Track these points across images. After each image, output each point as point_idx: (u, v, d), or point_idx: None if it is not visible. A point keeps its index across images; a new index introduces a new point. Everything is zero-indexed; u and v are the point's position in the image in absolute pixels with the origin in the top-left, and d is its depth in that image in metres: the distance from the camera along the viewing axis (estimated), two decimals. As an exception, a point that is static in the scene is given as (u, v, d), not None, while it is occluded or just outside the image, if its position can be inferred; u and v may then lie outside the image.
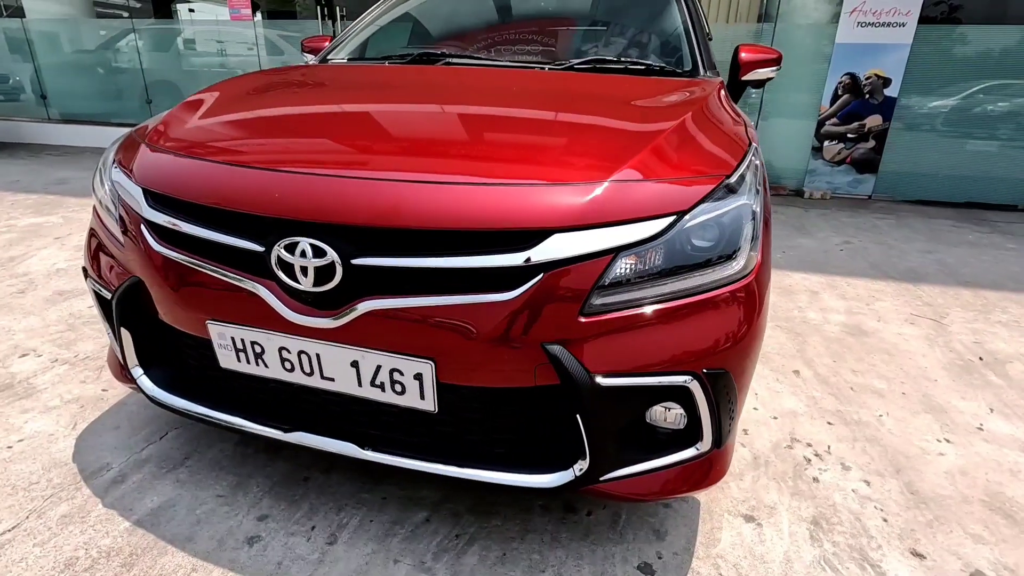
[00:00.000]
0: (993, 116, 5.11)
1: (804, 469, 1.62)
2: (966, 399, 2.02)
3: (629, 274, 1.01)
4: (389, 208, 1.01)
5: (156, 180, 1.20)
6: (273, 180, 1.08)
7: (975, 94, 5.10)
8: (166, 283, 1.18)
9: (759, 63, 1.97)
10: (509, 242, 0.99)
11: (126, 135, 1.47)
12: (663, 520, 1.42)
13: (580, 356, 1.01)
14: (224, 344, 1.18)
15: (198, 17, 7.42)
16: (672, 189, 1.05)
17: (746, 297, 1.08)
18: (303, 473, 1.53)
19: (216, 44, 7.11)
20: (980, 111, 5.13)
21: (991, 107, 5.09)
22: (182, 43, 7.25)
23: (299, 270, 1.04)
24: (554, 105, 1.42)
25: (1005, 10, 4.87)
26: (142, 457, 1.57)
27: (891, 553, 1.34)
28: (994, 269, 3.49)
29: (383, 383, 1.10)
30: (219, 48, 7.08)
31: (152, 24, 7.25)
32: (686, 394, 1.06)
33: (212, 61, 7.17)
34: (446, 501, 1.45)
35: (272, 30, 6.79)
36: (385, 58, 1.98)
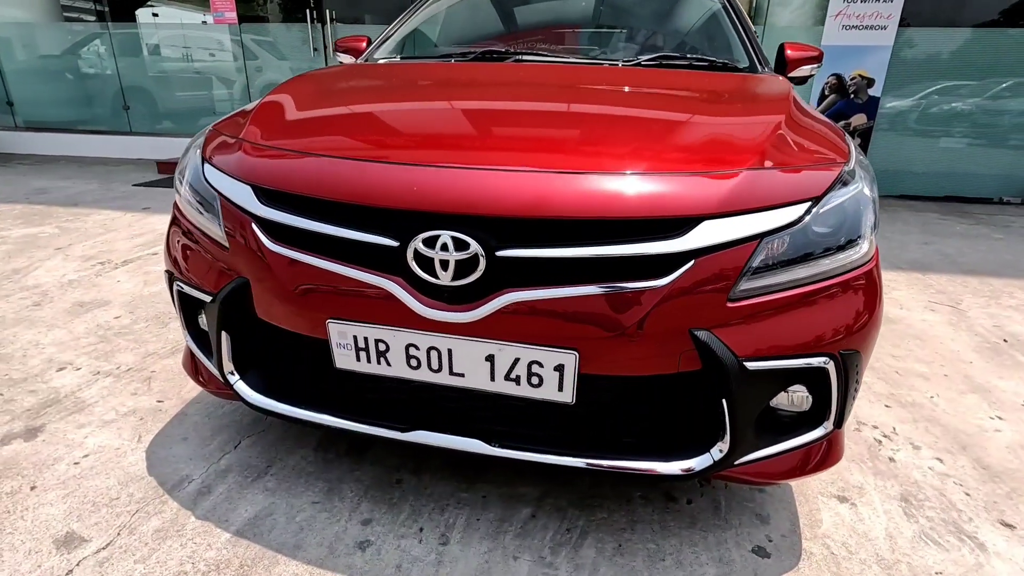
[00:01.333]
0: (968, 114, 5.37)
1: (878, 450, 1.68)
2: (1003, 379, 2.12)
3: (771, 260, 1.03)
4: (539, 198, 1.00)
5: (272, 177, 1.16)
6: (412, 173, 1.06)
7: (951, 93, 5.36)
8: (281, 284, 1.15)
9: (804, 60, 2.04)
10: (660, 230, 1.00)
11: (205, 133, 1.42)
12: (762, 505, 1.44)
13: (728, 341, 1.02)
14: (344, 343, 1.15)
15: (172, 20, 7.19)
16: (805, 176, 1.08)
17: (870, 281, 1.12)
18: (394, 476, 1.50)
19: (192, 49, 6.92)
20: (956, 109, 5.39)
21: (966, 106, 5.36)
22: (155, 48, 7.02)
23: (439, 264, 1.03)
24: (657, 99, 1.44)
25: (979, 14, 5.13)
26: (221, 468, 1.52)
27: (983, 525, 1.40)
28: (990, 258, 3.66)
29: (519, 376, 1.09)
30: (191, 53, 6.89)
31: (126, 28, 7.00)
32: (821, 375, 1.08)
33: (188, 67, 6.97)
34: (547, 496, 1.44)
35: (255, 35, 6.65)
36: (447, 56, 1.97)
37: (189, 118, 7.06)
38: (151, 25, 7.07)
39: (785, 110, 1.29)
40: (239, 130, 1.33)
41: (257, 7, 6.66)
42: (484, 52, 1.88)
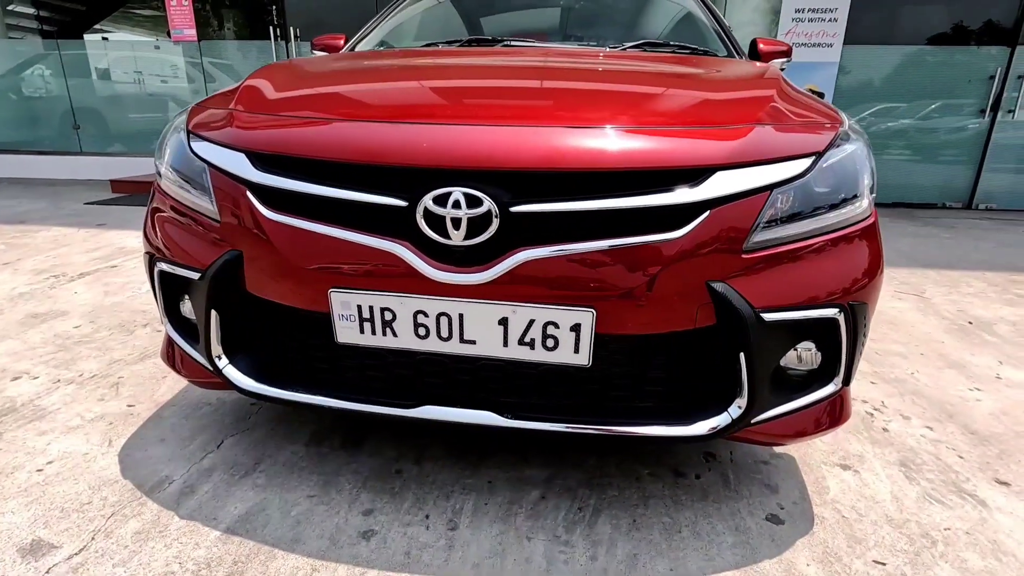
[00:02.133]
0: (910, 125, 5.73)
1: (872, 421, 1.70)
2: (975, 355, 2.20)
3: (781, 212, 1.04)
4: (554, 151, 0.99)
5: (269, 142, 1.11)
6: (421, 131, 1.03)
7: (893, 106, 5.71)
8: (278, 254, 1.09)
9: (776, 53, 2.13)
10: (675, 181, 0.99)
11: (188, 110, 1.36)
12: (770, 475, 1.44)
13: (744, 293, 1.02)
14: (347, 314, 1.10)
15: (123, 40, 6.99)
16: (808, 134, 1.11)
17: (872, 235, 1.15)
18: (393, 466, 1.43)
19: (144, 70, 6.73)
20: (900, 122, 5.75)
21: (908, 119, 5.72)
22: (106, 70, 6.80)
23: (450, 223, 1.00)
24: (658, 73, 1.46)
25: (918, 33, 5.51)
26: (204, 467, 1.41)
27: (981, 484, 1.43)
28: (943, 254, 3.86)
29: (533, 340, 1.06)
30: (143, 75, 6.70)
31: (77, 49, 6.77)
32: (832, 327, 1.09)
33: (141, 88, 6.76)
34: (555, 478, 1.40)
35: (214, 54, 6.53)
36: (434, 44, 1.96)
37: (143, 138, 6.83)
38: (102, 45, 6.85)
39: (777, 83, 1.33)
40: (227, 103, 1.28)
41: (217, 25, 6.56)
42: (472, 39, 1.89)
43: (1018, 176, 5.68)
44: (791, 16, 5.45)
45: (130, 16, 7.15)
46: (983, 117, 5.56)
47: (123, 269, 3.02)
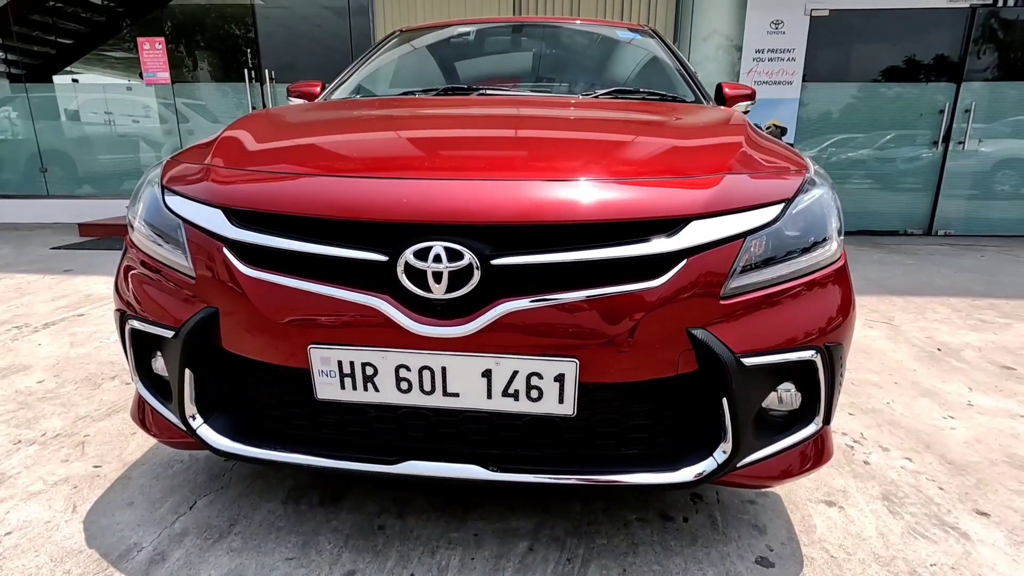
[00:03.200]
0: (869, 157, 5.99)
1: (853, 454, 1.72)
2: (946, 382, 2.26)
3: (755, 258, 1.07)
4: (533, 204, 1.00)
5: (247, 198, 1.10)
6: (401, 186, 1.04)
7: (851, 138, 5.97)
8: (256, 310, 1.07)
9: (741, 97, 2.21)
10: (652, 231, 1.01)
11: (163, 163, 1.35)
12: (757, 515, 1.43)
13: (723, 339, 1.03)
14: (327, 370, 1.08)
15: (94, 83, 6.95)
16: (777, 181, 1.15)
17: (842, 277, 1.18)
18: (375, 522, 1.39)
19: (116, 112, 6.68)
20: (857, 153, 6.01)
21: (867, 151, 5.98)
22: (75, 112, 6.74)
23: (431, 276, 1.00)
24: (629, 121, 1.50)
25: (871, 70, 5.82)
26: (176, 531, 1.35)
27: (962, 516, 1.44)
28: (908, 280, 3.99)
29: (517, 391, 1.05)
30: (115, 117, 6.66)
31: (45, 91, 6.70)
32: (810, 369, 1.11)
33: (112, 129, 6.70)
34: (542, 528, 1.37)
35: (188, 96, 6.53)
36: (410, 92, 1.99)
37: (113, 180, 6.73)
38: (70, 87, 6.80)
39: (744, 130, 1.38)
40: (203, 157, 1.27)
41: (191, 67, 6.57)
42: (447, 88, 1.92)
43: (971, 203, 5.95)
44: (752, 56, 5.71)
45: (102, 58, 7.13)
46: (936, 148, 5.84)
47: (90, 318, 2.93)
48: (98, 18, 7.27)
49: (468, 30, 2.42)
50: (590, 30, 2.47)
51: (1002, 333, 2.85)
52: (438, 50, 2.41)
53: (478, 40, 2.41)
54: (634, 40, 2.33)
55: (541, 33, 2.42)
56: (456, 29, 2.44)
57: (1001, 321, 3.05)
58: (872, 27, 5.69)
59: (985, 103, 5.72)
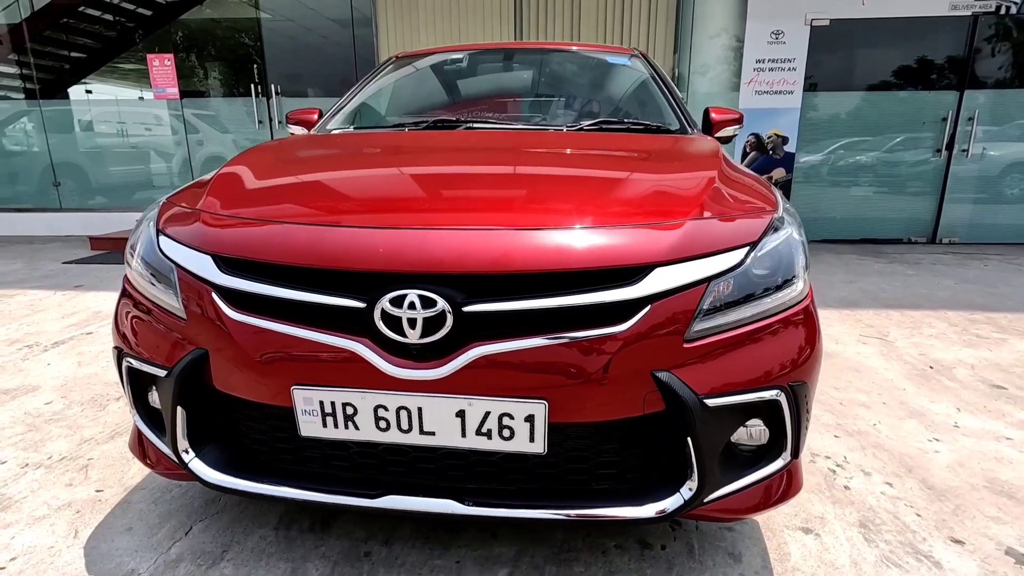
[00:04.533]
0: (871, 165, 5.98)
1: (833, 479, 1.75)
2: (935, 402, 2.28)
3: (719, 302, 1.11)
4: (502, 254, 1.05)
5: (234, 246, 1.16)
6: (376, 236, 1.09)
7: (854, 147, 5.97)
8: (243, 353, 1.13)
9: (728, 122, 2.25)
10: (616, 279, 1.06)
11: (158, 205, 1.41)
12: (733, 543, 1.46)
13: (687, 381, 1.08)
14: (309, 410, 1.13)
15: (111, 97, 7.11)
16: (742, 223, 1.19)
17: (807, 317, 1.22)
18: (362, 548, 1.44)
19: (128, 125, 6.83)
20: (860, 161, 5.99)
21: (868, 158, 5.97)
22: (88, 124, 6.89)
23: (406, 323, 1.05)
24: (601, 159, 1.55)
25: (871, 79, 5.82)
26: (172, 557, 1.41)
27: (936, 544, 1.47)
28: (907, 292, 3.99)
29: (490, 430, 1.10)
30: (127, 128, 6.81)
31: (57, 105, 6.86)
32: (775, 408, 1.15)
33: (123, 141, 6.86)
34: (523, 555, 1.41)
35: (196, 109, 6.66)
36: (400, 125, 2.05)
37: (124, 193, 6.87)
38: (84, 101, 6.96)
39: (717, 166, 1.42)
40: (196, 201, 1.33)
41: (200, 82, 6.70)
42: (436, 121, 1.98)
43: (976, 211, 5.92)
44: (752, 66, 5.72)
45: (115, 70, 7.29)
46: (939, 155, 5.82)
47: (98, 336, 3.02)
48: (109, 33, 7.44)
49: (460, 56, 2.48)
50: (580, 56, 2.52)
51: (996, 349, 2.85)
52: (430, 78, 2.47)
53: (469, 68, 2.47)
54: (622, 65, 2.38)
55: (532, 60, 2.47)
56: (449, 56, 2.50)
57: (997, 336, 3.05)
58: (873, 36, 5.69)
59: (989, 110, 5.69)
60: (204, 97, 6.62)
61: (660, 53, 6.08)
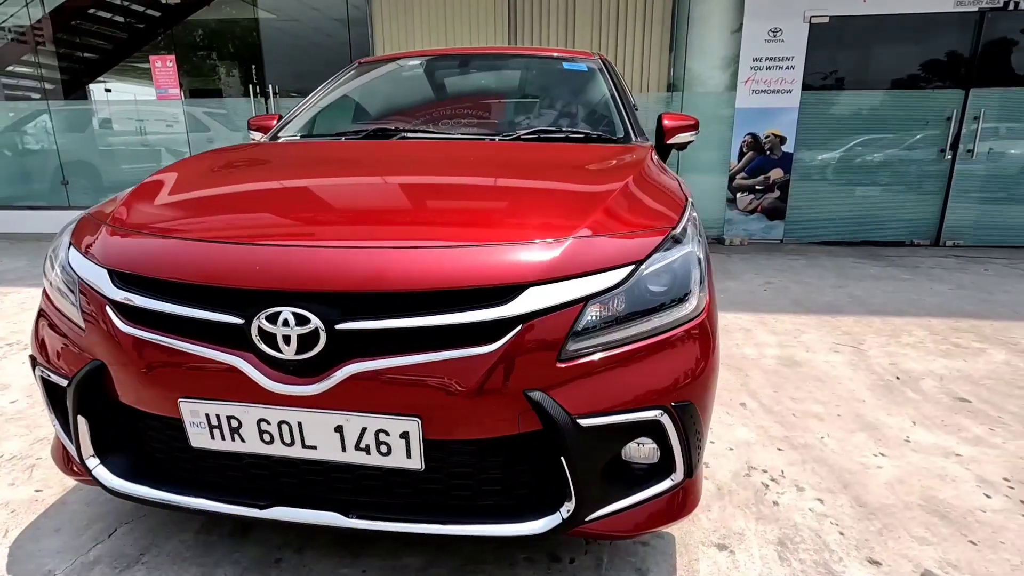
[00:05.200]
0: (872, 166, 5.83)
1: (764, 494, 1.72)
2: (892, 415, 2.22)
3: (598, 321, 1.10)
4: (373, 273, 1.06)
5: (125, 261, 1.19)
6: (252, 253, 1.11)
7: (854, 147, 5.83)
8: (134, 364, 1.16)
9: (680, 128, 2.22)
10: (488, 298, 1.06)
11: (79, 218, 1.45)
12: (643, 559, 1.46)
13: (560, 400, 1.07)
14: (197, 422, 1.15)
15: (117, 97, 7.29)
16: (629, 242, 1.17)
17: (701, 334, 1.20)
18: (274, 555, 1.46)
19: (136, 123, 6.99)
20: (861, 162, 5.85)
21: (869, 158, 5.82)
22: (100, 123, 7.08)
23: (281, 339, 1.06)
24: (512, 172, 1.55)
25: (872, 78, 5.68)
26: (90, 559, 1.45)
27: (852, 564, 1.44)
28: (896, 297, 3.90)
29: (368, 445, 1.11)
30: (139, 127, 6.97)
31: (67, 105, 7.05)
32: (658, 428, 1.14)
33: (132, 140, 7.02)
34: (431, 566, 1.42)
35: (197, 108, 6.78)
36: (340, 134, 2.07)
37: (130, 190, 7.03)
38: (93, 101, 7.13)
39: (627, 179, 1.41)
40: (104, 217, 1.37)
41: (201, 82, 6.83)
42: (374, 131, 1.99)
43: (982, 212, 5.74)
44: (749, 65, 5.62)
45: (121, 71, 7.48)
46: (944, 156, 5.65)
47: (77, 336, 3.09)
48: (117, 34, 7.62)
49: (417, 63, 2.49)
50: (536, 61, 2.51)
51: (972, 360, 2.77)
52: (385, 85, 2.48)
53: (425, 75, 2.47)
54: (577, 71, 2.36)
55: (488, 66, 2.47)
56: (407, 63, 2.51)
57: (976, 346, 2.96)
58: (874, 33, 5.54)
59: (996, 109, 5.51)
60: (205, 97, 6.73)
61: (656, 53, 6.01)
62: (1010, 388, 2.45)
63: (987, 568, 1.43)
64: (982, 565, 1.44)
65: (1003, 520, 1.61)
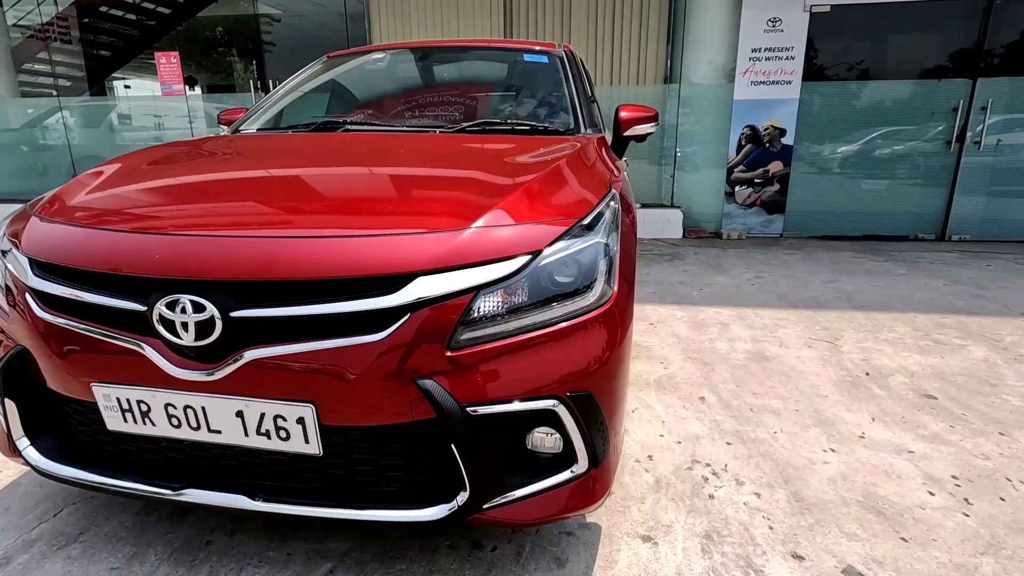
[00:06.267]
0: (875, 158, 5.70)
1: (701, 488, 1.72)
2: (851, 411, 2.19)
3: (492, 310, 1.11)
4: (262, 262, 1.08)
5: (42, 249, 1.24)
6: (152, 242, 1.14)
7: (857, 140, 5.69)
8: (51, 349, 1.20)
9: (638, 120, 2.20)
10: (377, 287, 1.07)
11: (20, 209, 1.50)
12: (564, 548, 1.46)
13: (450, 388, 1.08)
14: (110, 405, 1.19)
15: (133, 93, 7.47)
16: (528, 231, 1.18)
17: (604, 325, 1.20)
18: (206, 537, 1.50)
19: (147, 118, 7.14)
20: (864, 154, 5.72)
21: (872, 151, 5.69)
22: (112, 118, 7.25)
23: (180, 326, 1.09)
24: (433, 163, 1.56)
25: (875, 69, 5.55)
26: (31, 537, 1.51)
27: (774, 558, 1.43)
28: (886, 293, 3.82)
29: (268, 431, 1.14)
30: (153, 122, 7.12)
31: (81, 101, 7.23)
32: (555, 418, 1.14)
33: (143, 135, 7.18)
34: (353, 551, 1.45)
35: (208, 103, 6.90)
36: (290, 127, 2.10)
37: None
38: (102, 98, 7.31)
39: (545, 170, 1.40)
40: (36, 207, 1.41)
41: (206, 78, 6.95)
42: (321, 124, 2.02)
43: (989, 206, 5.58)
44: (748, 56, 5.52)
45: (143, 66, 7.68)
46: (950, 148, 5.50)
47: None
48: (131, 31, 7.80)
49: (381, 57, 2.50)
50: (498, 53, 2.50)
51: (949, 357, 2.71)
52: (350, 78, 2.50)
53: (389, 68, 2.49)
54: (538, 63, 2.35)
55: (450, 59, 2.47)
56: (372, 56, 2.53)
57: (957, 342, 2.89)
58: (878, 22, 5.41)
59: (1004, 99, 5.33)
60: (209, 93, 6.85)
61: (653, 45, 5.95)
62: (981, 385, 2.40)
63: (912, 565, 1.40)
64: (907, 562, 1.41)
65: (940, 518, 1.58)
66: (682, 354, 2.75)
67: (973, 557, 1.44)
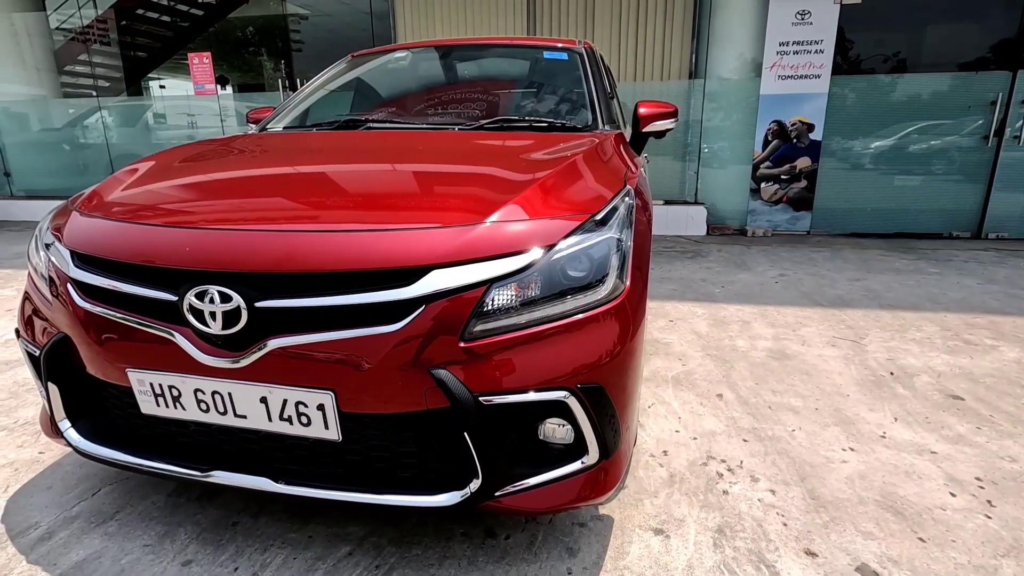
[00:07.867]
0: (908, 154, 5.54)
1: (716, 484, 1.72)
2: (873, 411, 2.16)
3: (505, 302, 1.14)
4: (285, 255, 1.13)
5: (82, 242, 1.31)
6: (183, 236, 1.20)
7: (889, 135, 5.55)
8: (90, 336, 1.27)
9: (657, 116, 2.20)
10: (394, 279, 1.11)
11: (62, 204, 1.59)
12: (577, 539, 1.49)
13: (464, 378, 1.12)
14: (144, 390, 1.26)
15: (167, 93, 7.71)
16: (541, 226, 1.20)
17: (615, 319, 1.22)
18: (233, 518, 1.57)
19: (180, 117, 7.36)
20: (896, 150, 5.57)
21: (905, 146, 5.54)
22: (148, 117, 7.49)
23: (208, 315, 1.15)
24: (450, 160, 1.60)
25: (914, 58, 5.39)
26: (72, 514, 1.60)
27: (786, 554, 1.43)
28: (915, 292, 3.73)
29: (291, 416, 1.19)
30: (187, 121, 7.35)
31: (119, 101, 7.49)
32: (565, 409, 1.17)
33: (177, 133, 7.41)
34: (372, 535, 1.50)
35: (240, 102, 7.09)
36: (315, 125, 2.16)
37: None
38: (140, 98, 7.56)
39: (561, 166, 1.42)
40: (75, 202, 1.49)
41: (238, 78, 7.13)
42: (344, 122, 2.07)
43: (1029, 203, 5.38)
44: (775, 50, 5.43)
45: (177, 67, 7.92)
46: (987, 143, 5.32)
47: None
48: (166, 33, 8.05)
49: (403, 56, 2.55)
50: (519, 51, 2.52)
51: (979, 357, 2.64)
52: (372, 77, 2.55)
53: (411, 66, 2.53)
54: (558, 60, 2.37)
55: (470, 57, 2.50)
56: (394, 55, 2.58)
57: (989, 343, 2.82)
58: (912, 13, 5.26)
59: (1047, 92, 5.13)
60: (240, 92, 7.02)
61: (678, 40, 5.89)
62: (1012, 387, 2.33)
63: (928, 566, 1.39)
64: (924, 562, 1.40)
65: (961, 519, 1.55)
66: (701, 351, 2.74)
67: (994, 559, 1.41)
